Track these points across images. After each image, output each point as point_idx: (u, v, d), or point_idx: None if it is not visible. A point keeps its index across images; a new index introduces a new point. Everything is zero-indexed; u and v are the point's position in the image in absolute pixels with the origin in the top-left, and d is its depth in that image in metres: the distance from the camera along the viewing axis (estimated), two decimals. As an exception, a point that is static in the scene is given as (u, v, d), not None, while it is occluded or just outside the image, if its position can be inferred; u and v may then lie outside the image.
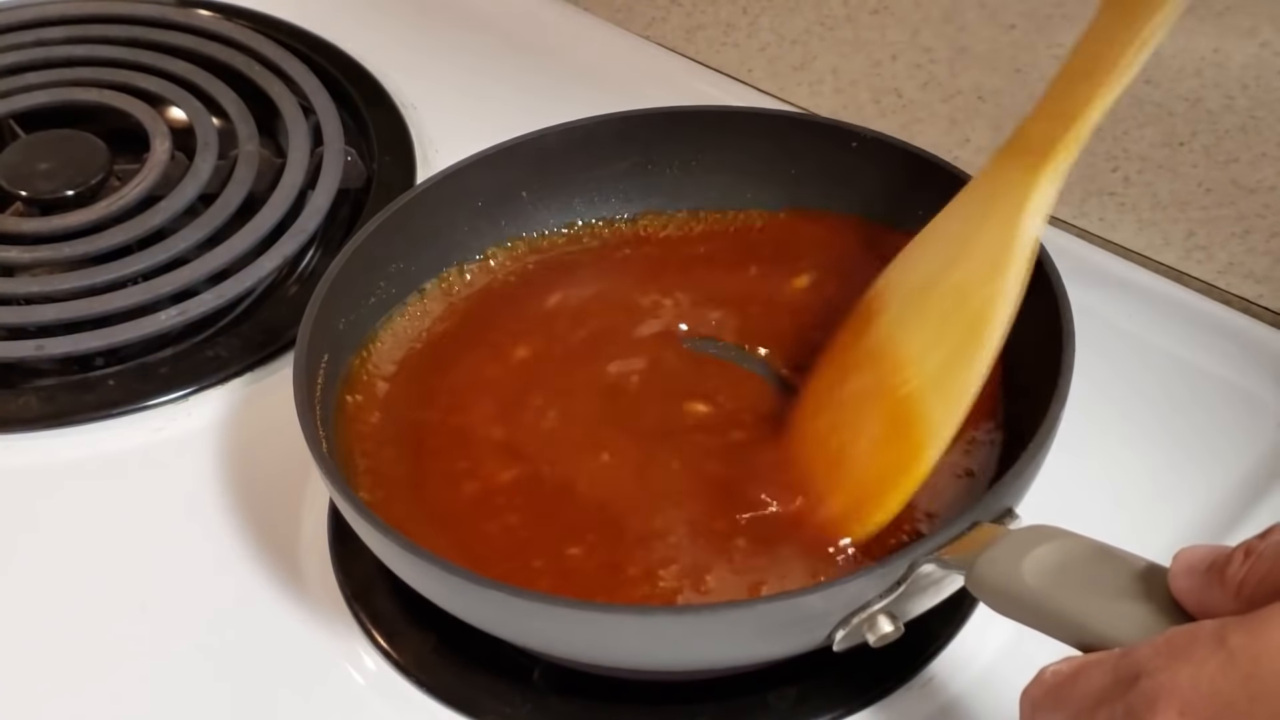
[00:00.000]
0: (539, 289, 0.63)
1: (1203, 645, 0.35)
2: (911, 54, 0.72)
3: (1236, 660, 0.34)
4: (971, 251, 0.52)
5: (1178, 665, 0.35)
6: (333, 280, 0.58)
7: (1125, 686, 0.36)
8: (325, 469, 0.51)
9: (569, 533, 0.53)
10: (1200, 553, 0.38)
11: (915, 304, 0.53)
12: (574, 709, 0.53)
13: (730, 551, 0.51)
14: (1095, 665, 0.38)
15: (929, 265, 0.54)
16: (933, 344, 0.52)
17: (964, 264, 0.52)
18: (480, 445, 0.57)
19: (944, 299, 0.52)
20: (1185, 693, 0.35)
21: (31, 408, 0.64)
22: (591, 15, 0.85)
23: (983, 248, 0.51)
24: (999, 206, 0.51)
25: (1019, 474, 0.48)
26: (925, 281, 0.54)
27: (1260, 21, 0.59)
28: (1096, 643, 0.40)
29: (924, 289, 0.53)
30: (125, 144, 0.75)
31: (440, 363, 0.60)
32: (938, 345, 0.51)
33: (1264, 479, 0.58)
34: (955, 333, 0.51)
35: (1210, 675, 0.34)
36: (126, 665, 0.55)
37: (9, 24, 0.84)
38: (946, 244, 0.54)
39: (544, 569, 0.52)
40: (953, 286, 0.52)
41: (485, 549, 0.53)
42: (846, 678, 0.52)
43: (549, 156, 0.64)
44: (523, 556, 0.52)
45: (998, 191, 0.51)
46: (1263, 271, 0.64)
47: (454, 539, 0.53)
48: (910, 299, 0.54)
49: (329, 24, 0.84)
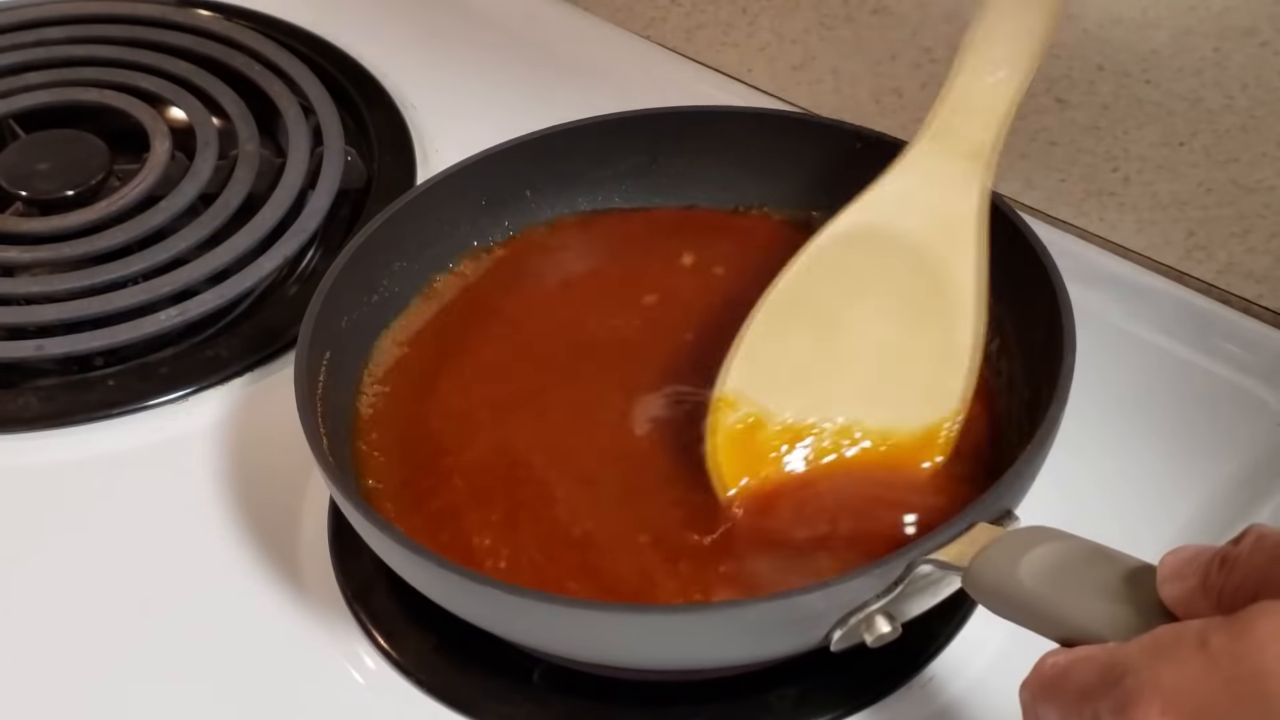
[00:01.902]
0: (542, 288, 0.63)
1: (1185, 646, 0.35)
2: (911, 54, 0.72)
3: (1218, 661, 0.34)
4: (940, 235, 0.54)
5: (1161, 665, 0.35)
6: (336, 276, 0.58)
7: (1111, 684, 0.36)
8: (324, 465, 0.51)
9: (572, 531, 0.53)
10: (1185, 556, 0.38)
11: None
12: (574, 709, 0.53)
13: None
14: (1086, 660, 0.38)
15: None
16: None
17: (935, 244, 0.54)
18: (482, 444, 0.57)
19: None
20: (1167, 692, 0.35)
21: (31, 408, 0.65)
22: (591, 15, 0.85)
23: (945, 231, 0.54)
24: (950, 198, 0.54)
25: (1018, 475, 0.48)
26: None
27: (1260, 21, 0.59)
28: (1091, 644, 0.40)
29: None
30: (125, 144, 0.75)
31: (442, 362, 0.60)
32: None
33: (1264, 479, 0.59)
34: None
35: (1192, 675, 0.35)
36: (126, 665, 0.55)
37: (9, 24, 0.84)
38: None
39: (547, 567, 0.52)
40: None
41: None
42: (847, 678, 0.53)
43: (553, 155, 0.64)
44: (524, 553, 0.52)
45: (944, 184, 0.55)
46: (1263, 271, 0.64)
47: (454, 537, 0.53)
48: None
49: (329, 24, 0.84)
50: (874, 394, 0.54)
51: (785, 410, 0.54)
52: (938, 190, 0.55)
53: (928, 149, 0.55)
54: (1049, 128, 0.67)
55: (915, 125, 0.70)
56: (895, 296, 0.55)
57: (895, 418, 0.53)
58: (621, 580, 0.51)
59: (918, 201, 0.55)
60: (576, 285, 0.64)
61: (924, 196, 0.55)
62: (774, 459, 0.53)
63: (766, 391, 0.54)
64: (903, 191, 0.55)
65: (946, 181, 0.55)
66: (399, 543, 0.48)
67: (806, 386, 0.54)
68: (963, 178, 0.54)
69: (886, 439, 0.53)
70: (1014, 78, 0.54)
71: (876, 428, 0.53)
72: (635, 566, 0.51)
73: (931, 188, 0.55)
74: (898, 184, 0.55)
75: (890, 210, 0.55)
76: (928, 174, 0.55)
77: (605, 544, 0.53)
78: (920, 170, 0.55)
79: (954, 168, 0.55)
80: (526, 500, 0.55)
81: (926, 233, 0.55)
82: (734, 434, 0.53)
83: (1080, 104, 0.66)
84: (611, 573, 0.52)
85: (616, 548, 0.52)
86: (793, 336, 0.55)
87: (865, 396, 0.54)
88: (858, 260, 0.55)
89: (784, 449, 0.53)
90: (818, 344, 0.55)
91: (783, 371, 0.54)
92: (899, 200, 0.55)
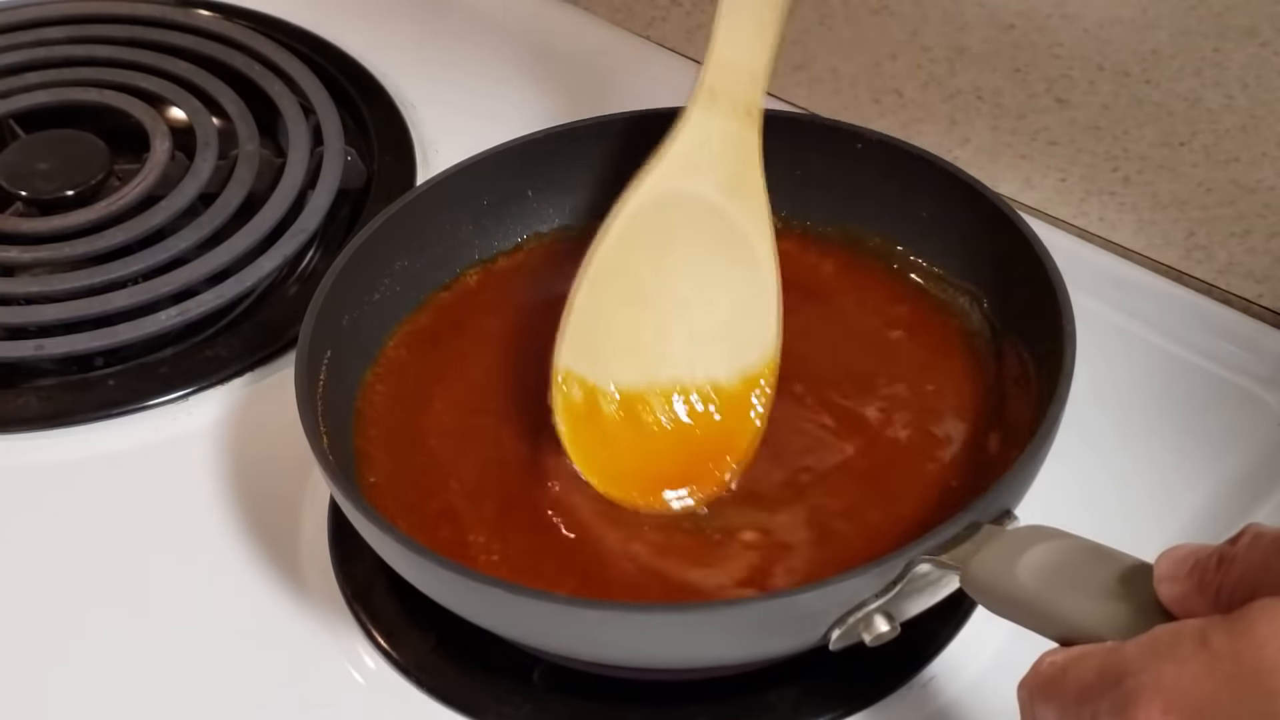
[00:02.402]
0: (545, 287, 0.63)
1: (1185, 645, 0.35)
2: (911, 54, 0.72)
3: (1218, 659, 0.34)
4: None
5: (1161, 664, 0.35)
6: (338, 274, 0.58)
7: (1111, 684, 0.36)
8: (324, 463, 0.51)
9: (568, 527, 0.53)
10: (1182, 554, 0.38)
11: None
12: (574, 709, 0.53)
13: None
14: (1085, 659, 0.38)
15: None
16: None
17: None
18: (483, 444, 0.57)
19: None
20: (1168, 692, 0.35)
21: (31, 408, 0.64)
22: (591, 15, 0.85)
23: (736, 186, 0.56)
24: (735, 154, 0.56)
25: (1017, 475, 0.48)
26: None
27: (1260, 21, 0.59)
28: (1089, 643, 0.40)
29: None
30: (125, 144, 0.75)
31: (444, 361, 0.60)
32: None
33: (1264, 479, 0.58)
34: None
35: (1193, 674, 0.35)
36: (126, 665, 0.55)
37: (9, 24, 0.84)
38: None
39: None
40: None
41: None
42: (847, 677, 0.52)
43: (554, 155, 0.64)
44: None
45: (726, 141, 0.57)
46: (1263, 271, 0.64)
47: (454, 535, 0.53)
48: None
49: (329, 24, 0.84)
50: (696, 352, 0.56)
51: (615, 381, 0.55)
52: (722, 147, 0.56)
53: (706, 110, 0.57)
54: (1049, 128, 0.67)
55: (915, 125, 0.71)
56: (701, 256, 0.56)
57: (719, 370, 0.56)
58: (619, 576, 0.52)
59: (707, 160, 0.56)
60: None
61: (711, 155, 0.56)
62: (615, 432, 0.55)
63: (594, 366, 0.56)
64: (691, 153, 0.57)
65: (729, 139, 0.56)
66: (398, 541, 0.48)
67: (633, 355, 0.56)
68: (742, 133, 0.56)
69: (716, 392, 0.55)
70: (766, 33, 0.56)
71: (703, 382, 0.55)
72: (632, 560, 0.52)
73: (716, 146, 0.56)
74: (686, 146, 0.57)
75: (685, 172, 0.56)
76: (710, 133, 0.56)
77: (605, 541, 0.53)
78: (704, 130, 0.57)
79: (732, 125, 0.56)
80: (524, 499, 0.55)
81: (720, 190, 0.56)
82: (577, 413, 0.55)
83: (1080, 104, 0.66)
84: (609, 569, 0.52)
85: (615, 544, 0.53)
86: (612, 309, 0.56)
87: (688, 356, 0.56)
88: (662, 226, 0.56)
89: (622, 419, 0.55)
90: (637, 312, 0.56)
91: (608, 344, 0.56)
92: (690, 162, 0.56)
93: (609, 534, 0.53)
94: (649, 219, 0.56)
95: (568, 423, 0.55)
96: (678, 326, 0.56)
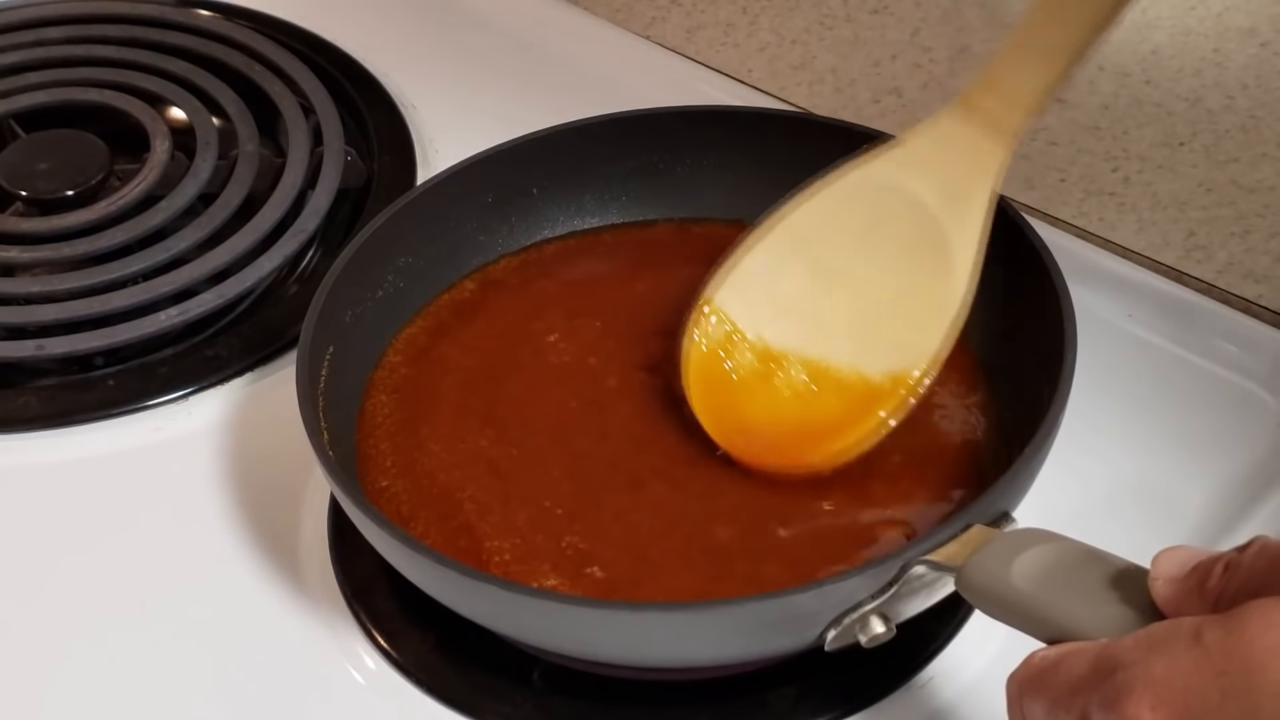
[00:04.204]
0: (547, 286, 0.63)
1: (1179, 641, 0.35)
2: (911, 54, 0.72)
3: (1211, 656, 0.35)
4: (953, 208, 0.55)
5: (1154, 659, 0.36)
6: (341, 270, 0.58)
7: (1102, 677, 0.36)
8: (323, 460, 0.51)
9: (576, 527, 0.53)
10: (1181, 557, 0.38)
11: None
12: (574, 709, 0.53)
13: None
14: (1077, 654, 0.38)
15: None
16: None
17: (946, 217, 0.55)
18: (487, 445, 0.57)
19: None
20: (1159, 686, 0.35)
21: (31, 408, 0.65)
22: (591, 15, 0.85)
23: (955, 198, 0.55)
24: (967, 168, 0.55)
25: (1015, 477, 0.48)
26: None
27: (1260, 22, 0.59)
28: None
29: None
30: (125, 144, 0.75)
31: (445, 360, 0.60)
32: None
33: (1264, 479, 0.58)
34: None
35: (1185, 670, 0.35)
36: (126, 665, 0.55)
37: (9, 24, 0.84)
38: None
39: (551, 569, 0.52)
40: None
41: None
42: (845, 678, 0.53)
43: (560, 154, 0.64)
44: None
45: (964, 152, 0.55)
46: (1262, 271, 0.64)
47: (453, 534, 0.53)
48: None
49: (329, 24, 0.84)
50: (849, 337, 0.56)
51: (762, 334, 0.56)
52: (957, 157, 0.55)
53: (955, 117, 0.55)
54: (1049, 128, 0.68)
55: (915, 125, 0.70)
56: (895, 251, 0.56)
57: (864, 362, 0.55)
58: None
59: (935, 164, 0.55)
60: (587, 285, 0.64)
61: (942, 160, 0.55)
62: (734, 376, 0.56)
63: (747, 311, 0.56)
64: (924, 153, 0.56)
65: (967, 151, 0.55)
66: (398, 539, 0.48)
67: (790, 318, 0.56)
68: (984, 151, 0.55)
69: (852, 381, 0.55)
70: (1052, 69, 0.53)
71: (844, 367, 0.55)
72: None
73: (951, 154, 0.55)
74: (921, 145, 0.56)
75: (907, 167, 0.56)
76: (950, 140, 0.55)
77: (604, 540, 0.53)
78: (943, 135, 0.55)
79: (977, 140, 0.55)
80: (531, 498, 0.54)
81: (939, 195, 0.55)
82: (711, 341, 0.56)
83: (1080, 104, 0.66)
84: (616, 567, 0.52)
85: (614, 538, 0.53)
86: (786, 268, 0.57)
87: (840, 337, 0.56)
88: (864, 209, 0.56)
89: (750, 368, 0.56)
90: (810, 282, 0.56)
91: (770, 299, 0.56)
92: (919, 160, 0.56)
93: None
94: (857, 199, 0.56)
95: (693, 348, 0.56)
96: (845, 309, 0.56)
